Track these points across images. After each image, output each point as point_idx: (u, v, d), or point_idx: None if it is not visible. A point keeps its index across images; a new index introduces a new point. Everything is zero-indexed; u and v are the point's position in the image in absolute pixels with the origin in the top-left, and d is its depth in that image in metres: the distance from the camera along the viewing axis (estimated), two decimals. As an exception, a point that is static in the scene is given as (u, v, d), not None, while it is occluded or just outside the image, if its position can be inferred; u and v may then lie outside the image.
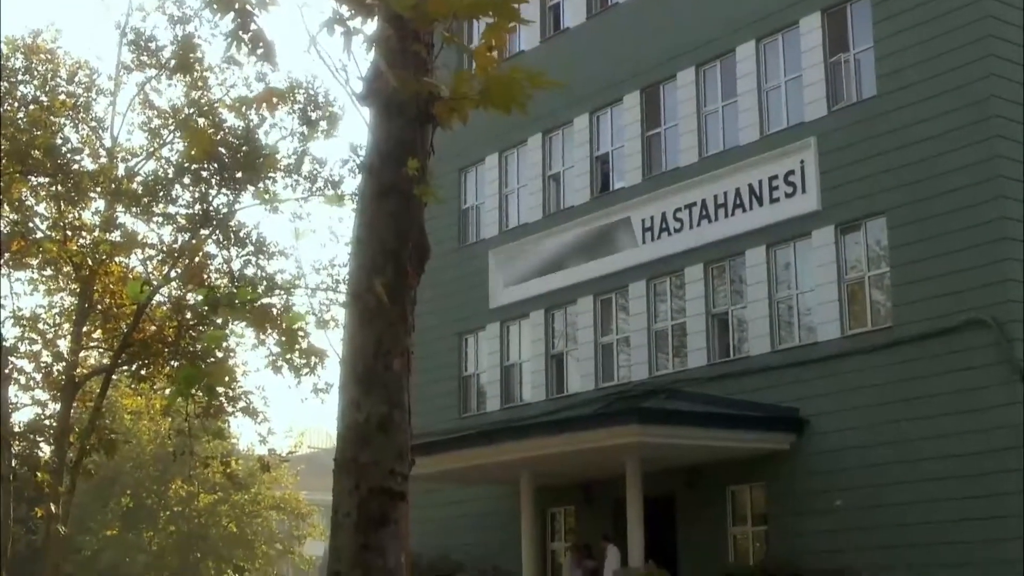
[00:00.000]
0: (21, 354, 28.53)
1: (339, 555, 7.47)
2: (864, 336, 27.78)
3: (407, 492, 7.57)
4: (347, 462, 7.57)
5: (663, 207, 32.22)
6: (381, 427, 7.56)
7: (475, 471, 31.71)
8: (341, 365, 7.94)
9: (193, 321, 20.99)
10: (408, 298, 7.91)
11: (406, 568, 7.45)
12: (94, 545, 54.16)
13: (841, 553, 26.66)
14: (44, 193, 27.28)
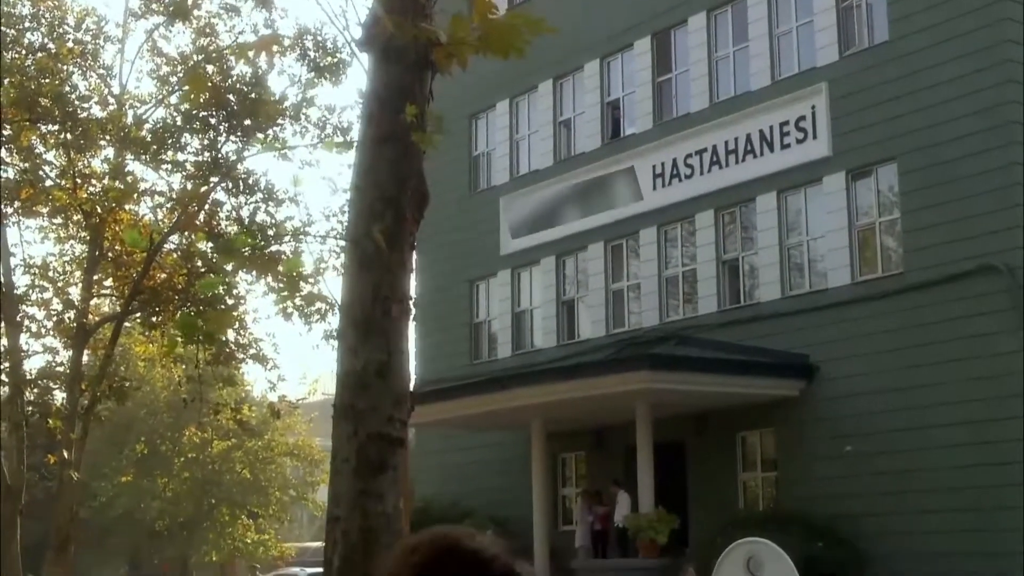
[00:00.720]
0: (32, 302, 28.63)
1: (338, 500, 7.51)
2: (874, 282, 27.74)
3: (405, 438, 7.60)
4: (345, 408, 7.60)
5: (674, 153, 32.13)
6: (379, 373, 7.57)
7: (486, 417, 31.80)
8: (340, 312, 7.96)
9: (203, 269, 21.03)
10: (407, 244, 7.90)
11: (404, 513, 7.49)
12: (109, 491, 54.45)
13: (850, 498, 26.72)
14: (53, 141, 27.25)
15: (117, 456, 54.27)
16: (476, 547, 1.99)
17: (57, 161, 28.02)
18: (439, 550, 1.99)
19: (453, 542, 2.00)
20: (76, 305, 28.46)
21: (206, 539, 57.24)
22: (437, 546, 2.00)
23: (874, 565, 26.12)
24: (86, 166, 27.74)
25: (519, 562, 2.00)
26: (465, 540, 2.01)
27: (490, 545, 2.00)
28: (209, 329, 8.20)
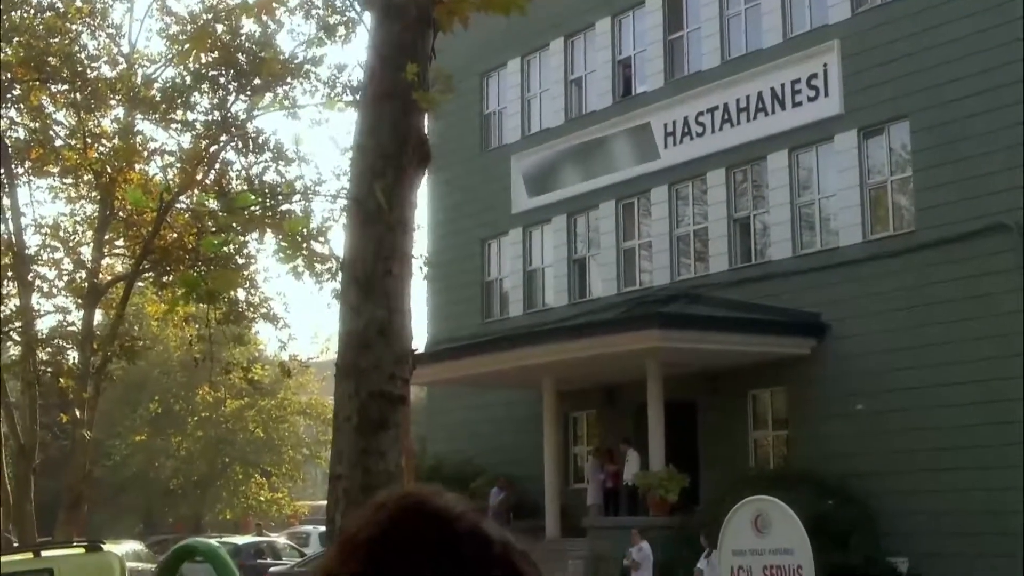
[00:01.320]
0: (43, 262, 28.69)
1: (340, 458, 7.54)
2: (886, 241, 27.68)
3: (407, 396, 7.61)
4: (347, 367, 7.61)
5: (685, 111, 32.03)
6: (381, 332, 7.57)
7: (498, 376, 31.86)
8: (342, 270, 7.96)
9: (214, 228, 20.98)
10: (408, 203, 7.89)
11: (406, 470, 7.51)
12: (123, 450, 54.77)
13: (860, 457, 26.74)
14: (62, 101, 27.23)
15: (131, 415, 54.53)
16: (441, 505, 1.99)
17: (67, 121, 28.03)
18: (405, 507, 1.99)
19: (419, 500, 2.00)
20: (87, 265, 28.53)
21: (220, 497, 57.59)
22: (403, 504, 2.00)
23: (883, 523, 26.16)
24: (96, 126, 27.73)
25: (485, 520, 2.00)
26: (431, 498, 2.00)
27: (455, 504, 2.00)
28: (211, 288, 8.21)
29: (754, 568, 14.54)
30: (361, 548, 1.96)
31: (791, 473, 27.35)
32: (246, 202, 8.57)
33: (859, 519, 26.14)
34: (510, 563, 1.98)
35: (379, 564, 1.92)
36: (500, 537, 2.00)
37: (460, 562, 1.93)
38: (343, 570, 1.95)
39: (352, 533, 2.00)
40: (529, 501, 32.16)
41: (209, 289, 8.25)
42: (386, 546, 1.94)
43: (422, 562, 1.91)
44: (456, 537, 1.95)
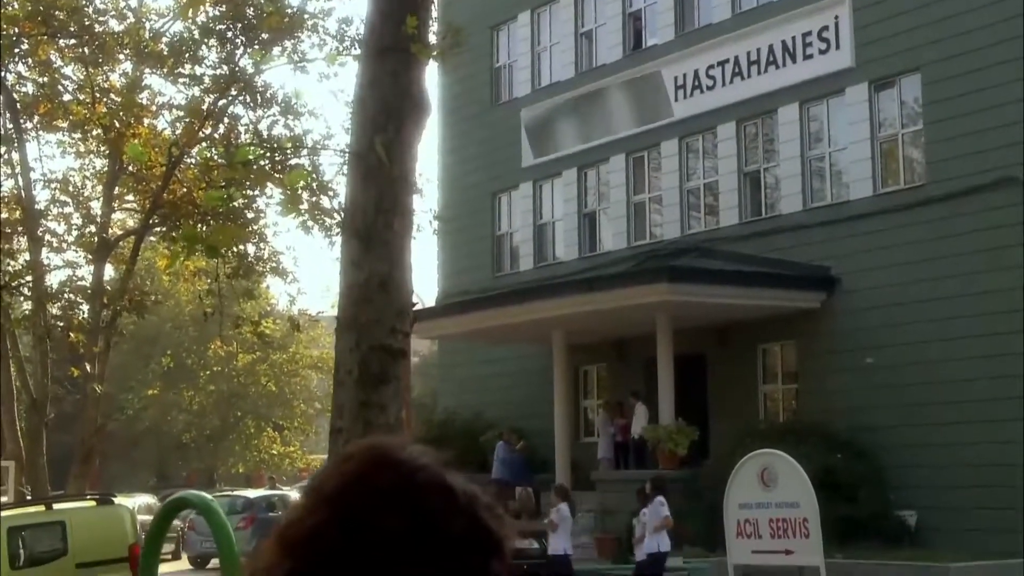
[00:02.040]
0: (53, 216, 28.73)
1: (341, 412, 7.58)
2: (897, 194, 27.59)
3: (408, 349, 7.65)
4: (348, 320, 7.64)
5: (696, 64, 31.88)
6: (382, 286, 7.60)
7: (508, 330, 31.89)
8: (343, 225, 7.98)
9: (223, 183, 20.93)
10: (409, 157, 7.89)
11: (406, 423, 7.54)
12: (136, 404, 55.00)
13: (869, 411, 26.77)
14: (70, 55, 27.20)
15: (143, 370, 54.73)
16: (405, 457, 1.99)
17: (75, 75, 28.00)
18: (370, 459, 1.99)
19: (383, 452, 2.01)
20: (97, 219, 28.56)
21: (232, 451, 57.85)
22: (368, 455, 2.01)
23: (892, 476, 26.20)
24: (104, 80, 27.70)
25: (450, 473, 2.01)
26: (396, 450, 2.01)
27: (420, 456, 2.01)
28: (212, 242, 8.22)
29: (760, 521, 14.59)
30: (325, 499, 1.97)
31: (800, 427, 27.38)
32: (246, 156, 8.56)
33: (868, 473, 26.19)
34: (474, 515, 1.98)
35: (342, 515, 1.93)
36: (465, 489, 2.00)
37: (422, 513, 1.93)
38: (309, 520, 1.95)
39: (318, 484, 2.01)
40: (539, 455, 32.24)
41: (210, 243, 8.25)
42: (349, 498, 1.95)
43: (383, 513, 1.92)
44: (418, 488, 1.95)
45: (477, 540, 1.97)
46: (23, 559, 18.08)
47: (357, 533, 1.91)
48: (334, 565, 1.91)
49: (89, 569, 17.33)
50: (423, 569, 1.91)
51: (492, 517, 2.01)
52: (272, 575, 1.93)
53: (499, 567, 1.99)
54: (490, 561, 1.98)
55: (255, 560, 2.00)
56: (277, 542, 1.97)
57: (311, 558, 1.92)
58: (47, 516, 18.86)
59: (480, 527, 1.98)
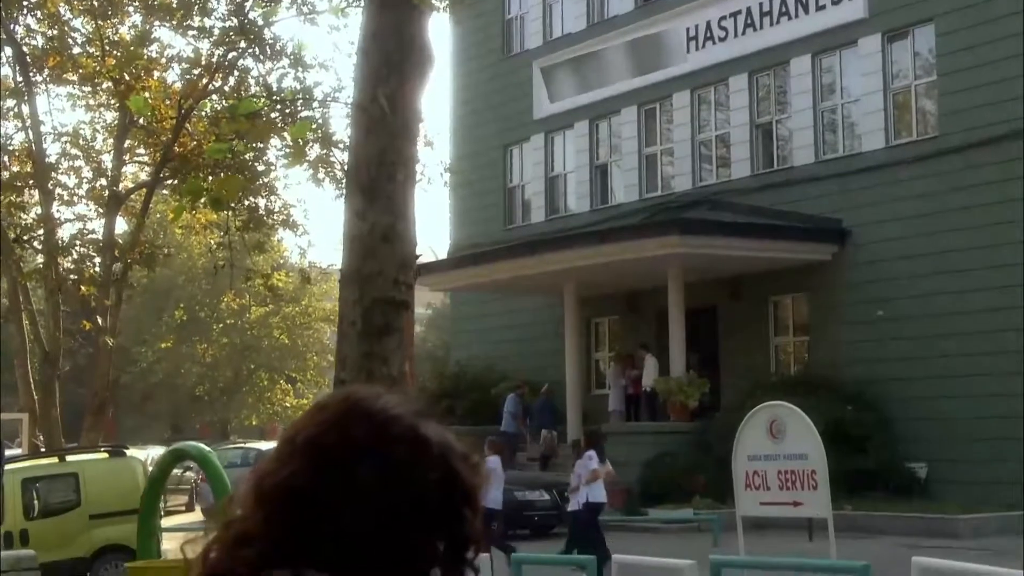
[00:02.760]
0: (63, 170, 28.71)
1: (344, 363, 7.59)
2: (909, 146, 27.50)
3: (411, 301, 7.64)
4: (352, 273, 7.64)
5: (708, 15, 31.70)
6: (385, 238, 7.59)
7: (520, 282, 31.90)
8: (346, 177, 7.96)
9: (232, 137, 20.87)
10: (412, 109, 7.86)
11: (410, 375, 7.55)
12: (149, 357, 55.16)
13: (880, 363, 26.77)
14: (79, 7, 27.11)
15: (157, 323, 54.86)
16: (379, 408, 1.99)
17: (84, 28, 27.90)
18: (343, 409, 1.99)
19: (357, 402, 2.00)
20: (107, 172, 28.54)
21: (245, 404, 58.04)
22: (342, 406, 2.00)
23: (902, 429, 26.24)
24: (114, 33, 27.62)
25: (424, 422, 2.00)
26: (369, 401, 2.01)
27: (396, 405, 2.00)
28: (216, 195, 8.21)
29: (769, 473, 14.59)
30: (298, 450, 1.97)
31: (811, 379, 27.42)
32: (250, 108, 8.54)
33: (878, 425, 26.24)
34: (448, 466, 1.98)
35: (315, 465, 1.93)
36: (439, 439, 2.00)
37: (394, 464, 1.93)
38: (282, 470, 1.96)
39: (292, 435, 2.01)
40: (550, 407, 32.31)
41: (214, 196, 8.25)
42: (322, 448, 1.95)
43: (355, 464, 1.92)
44: (391, 439, 1.95)
45: (450, 489, 1.97)
46: (37, 510, 18.24)
47: (329, 483, 1.91)
48: (306, 515, 1.91)
49: (102, 520, 17.47)
50: (395, 519, 1.92)
51: (466, 466, 2.01)
52: (246, 523, 1.94)
53: (472, 515, 2.00)
54: (463, 510, 1.98)
55: (230, 508, 2.00)
56: (252, 491, 1.98)
57: (284, 507, 1.92)
58: (60, 468, 19.01)
59: (453, 476, 1.98)
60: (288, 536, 1.90)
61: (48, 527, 17.84)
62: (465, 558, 2.00)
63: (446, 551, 1.98)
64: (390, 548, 1.92)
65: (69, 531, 17.89)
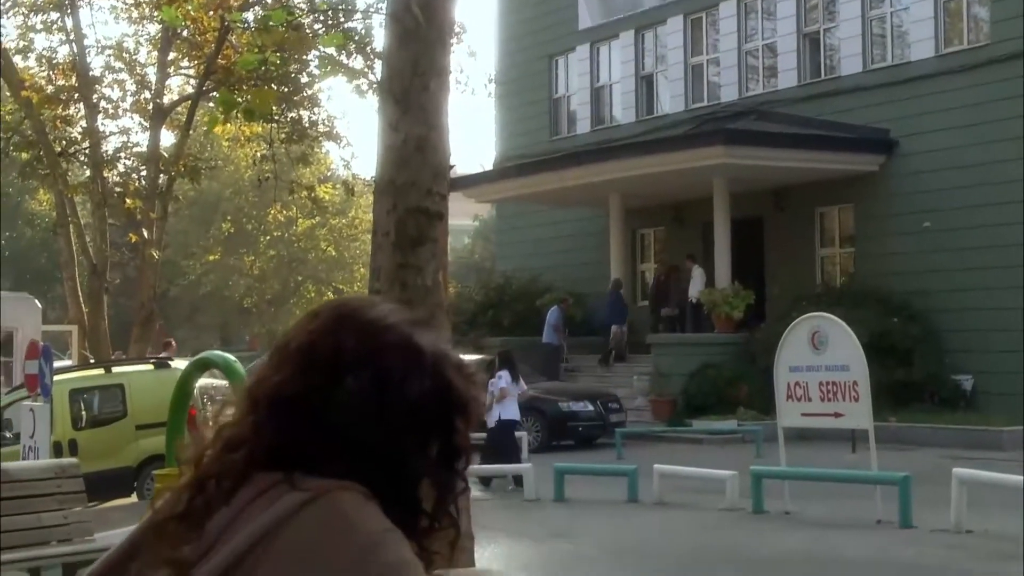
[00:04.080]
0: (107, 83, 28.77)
1: (378, 274, 7.60)
2: (959, 55, 27.10)
3: (445, 212, 7.61)
4: (385, 183, 7.62)
5: (755, -78, 31.24)
6: (418, 148, 7.56)
7: (565, 193, 31.78)
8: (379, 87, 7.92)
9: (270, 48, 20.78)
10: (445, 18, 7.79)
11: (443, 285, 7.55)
12: (198, 269, 55.50)
13: (926, 275, 26.58)
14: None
15: (204, 235, 55.11)
16: (373, 317, 1.97)
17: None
18: (336, 318, 1.98)
19: (352, 310, 1.99)
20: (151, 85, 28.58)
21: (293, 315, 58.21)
22: (335, 314, 1.99)
23: (948, 341, 26.10)
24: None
25: (419, 331, 1.99)
26: (363, 310, 1.99)
27: (390, 314, 1.98)
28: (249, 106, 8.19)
29: (810, 384, 14.58)
30: (290, 357, 1.96)
31: (856, 291, 27.29)
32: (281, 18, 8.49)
33: (924, 337, 26.10)
34: (441, 375, 1.97)
35: (305, 373, 1.92)
36: (434, 349, 1.98)
37: (385, 372, 1.92)
38: (274, 377, 1.95)
39: (285, 342, 2.00)
40: (597, 319, 32.33)
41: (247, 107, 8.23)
42: (314, 356, 1.94)
43: (347, 372, 1.91)
44: (383, 348, 1.94)
45: (442, 399, 1.95)
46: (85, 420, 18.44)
47: (320, 391, 1.91)
48: (296, 421, 1.91)
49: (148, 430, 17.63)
50: (386, 428, 1.91)
51: (461, 377, 1.99)
52: (238, 428, 1.94)
53: (464, 426, 1.98)
54: (454, 419, 1.97)
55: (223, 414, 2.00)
56: (244, 397, 1.98)
57: (274, 413, 1.92)
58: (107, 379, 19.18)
59: (446, 386, 1.97)
60: (278, 441, 1.90)
61: (95, 437, 18.04)
62: (455, 468, 2.00)
63: (437, 460, 1.97)
64: (380, 455, 1.92)
65: (116, 441, 18.10)
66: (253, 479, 1.89)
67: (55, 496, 8.77)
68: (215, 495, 1.89)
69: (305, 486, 1.85)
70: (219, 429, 1.97)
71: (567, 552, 12.75)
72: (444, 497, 1.99)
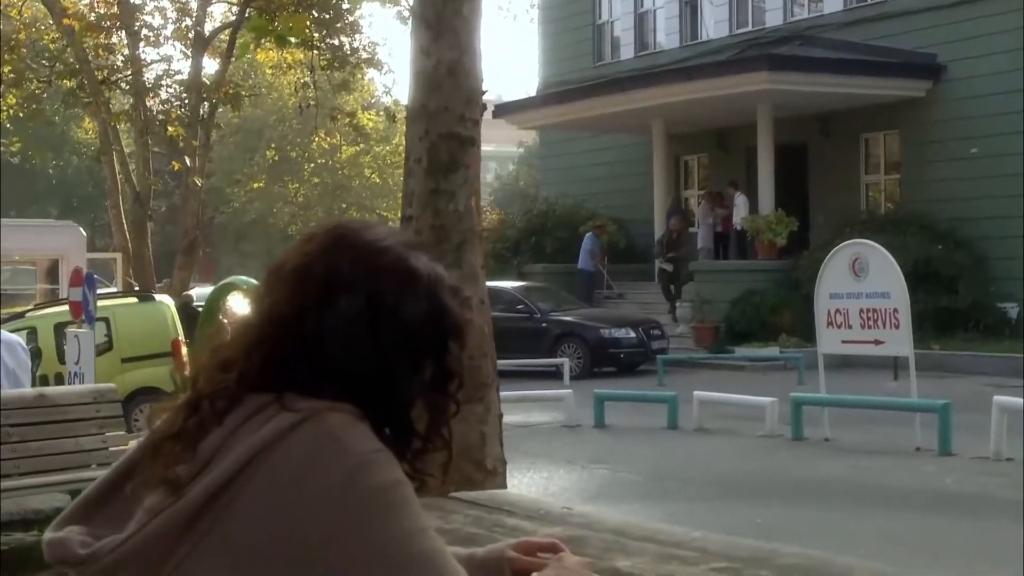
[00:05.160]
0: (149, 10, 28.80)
1: (410, 200, 7.56)
2: (1008, -23, 26.67)
3: (477, 137, 7.56)
4: (417, 108, 7.57)
5: None
6: (450, 73, 7.49)
7: (608, 119, 31.61)
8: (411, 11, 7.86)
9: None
10: (478, -60, 7.70)
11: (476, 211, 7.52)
12: (242, 197, 55.71)
13: (973, 201, 26.35)
14: None
15: (249, 163, 55.25)
16: (371, 238, 1.97)
17: None
18: (331, 240, 1.98)
19: (348, 232, 1.99)
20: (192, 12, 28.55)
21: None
22: (330, 235, 1.99)
23: (994, 268, 25.90)
24: None
25: (415, 254, 1.98)
26: (358, 232, 1.99)
27: (386, 237, 1.98)
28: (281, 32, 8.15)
29: (850, 311, 14.52)
30: (285, 279, 1.97)
31: (902, 217, 27.07)
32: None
33: (969, 264, 25.91)
34: (436, 298, 1.97)
35: (298, 295, 1.93)
36: (429, 272, 1.98)
37: (378, 295, 1.92)
38: (266, 299, 1.96)
39: (279, 264, 2.01)
40: (640, 245, 32.28)
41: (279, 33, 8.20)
42: (306, 278, 1.94)
43: (340, 295, 1.91)
44: (377, 270, 1.94)
45: (436, 322, 1.96)
46: (69, 354, 18.44)
47: (313, 313, 1.91)
48: (290, 343, 1.91)
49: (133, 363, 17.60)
50: (378, 350, 1.91)
51: (456, 300, 1.99)
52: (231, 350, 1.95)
53: (457, 348, 1.99)
54: (447, 342, 1.97)
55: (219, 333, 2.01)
56: (239, 318, 1.98)
57: (267, 335, 1.93)
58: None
59: (441, 309, 1.97)
60: (270, 363, 1.91)
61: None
62: (448, 390, 2.00)
63: (430, 383, 1.98)
64: (372, 377, 1.92)
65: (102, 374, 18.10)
66: (245, 400, 1.90)
67: (94, 420, 8.85)
68: (208, 416, 1.91)
69: (296, 407, 1.86)
70: (215, 350, 1.98)
71: (605, 477, 12.81)
72: (437, 419, 2.00)
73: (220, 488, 1.83)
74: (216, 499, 1.83)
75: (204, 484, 1.83)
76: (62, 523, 1.95)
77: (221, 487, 1.83)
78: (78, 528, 1.93)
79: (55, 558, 1.90)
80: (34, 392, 8.57)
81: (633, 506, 11.03)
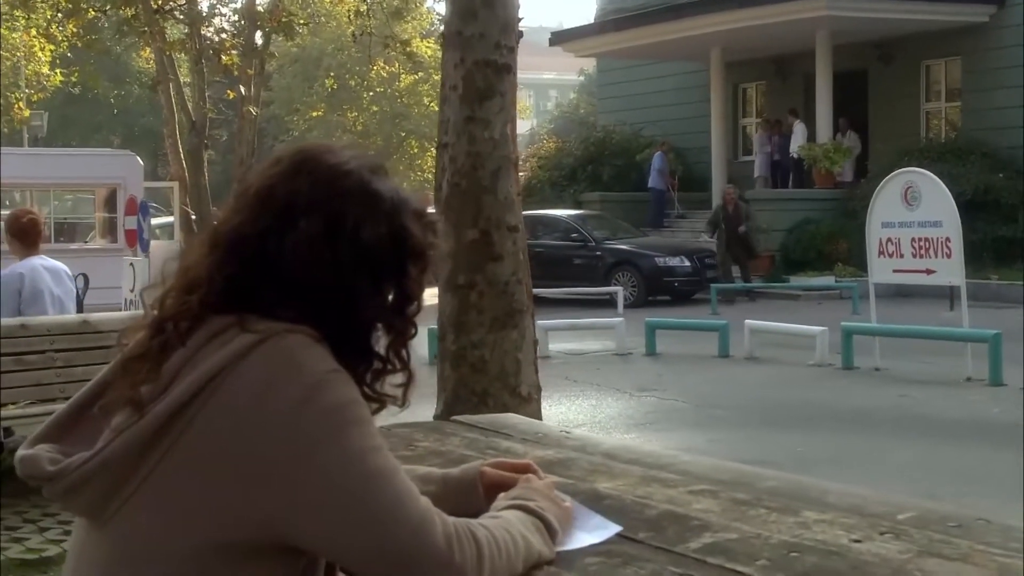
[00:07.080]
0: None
1: (446, 127, 7.58)
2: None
3: (513, 65, 7.55)
4: (453, 35, 7.58)
5: None
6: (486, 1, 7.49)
7: (665, 47, 31.39)
8: (449, -62, 7.82)
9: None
10: None
11: (512, 139, 7.52)
12: (301, 125, 55.74)
13: (1035, 129, 26.01)
14: None
15: (308, 91, 55.21)
16: (335, 162, 1.99)
17: None
18: (296, 163, 2.00)
19: (313, 155, 2.01)
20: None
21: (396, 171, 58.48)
22: (295, 159, 2.01)
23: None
24: None
25: (378, 178, 2.00)
26: (323, 154, 2.01)
27: (350, 160, 2.00)
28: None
29: (903, 240, 14.39)
30: (249, 200, 1.99)
31: (962, 145, 26.77)
32: None
33: (1029, 192, 25.60)
34: (397, 221, 1.98)
35: (261, 216, 1.95)
36: (392, 195, 2.00)
37: (339, 217, 1.93)
38: (234, 219, 1.98)
39: (245, 186, 2.02)
40: (697, 173, 32.12)
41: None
42: (270, 199, 1.96)
43: (301, 216, 1.93)
44: (339, 192, 1.96)
45: (396, 245, 1.97)
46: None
47: (274, 234, 1.93)
48: (251, 263, 1.93)
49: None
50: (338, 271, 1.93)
51: (419, 224, 2.01)
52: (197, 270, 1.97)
53: (417, 272, 2.00)
54: (407, 265, 1.99)
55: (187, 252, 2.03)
56: (207, 236, 2.01)
57: (230, 256, 1.95)
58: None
59: (401, 232, 1.98)
60: (232, 284, 1.94)
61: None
62: (407, 313, 2.02)
63: (390, 305, 1.99)
64: (330, 299, 1.94)
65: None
66: (208, 321, 1.93)
67: (137, 346, 8.96)
68: (172, 337, 1.94)
69: (255, 328, 1.89)
70: (182, 271, 2.00)
71: (652, 404, 12.82)
72: (396, 341, 2.02)
73: (181, 407, 1.86)
74: (177, 418, 1.86)
75: (166, 403, 1.87)
76: (35, 441, 1.99)
77: (182, 406, 1.86)
78: (48, 446, 1.97)
79: (26, 474, 1.95)
80: (78, 318, 8.68)
81: (678, 433, 11.06)
